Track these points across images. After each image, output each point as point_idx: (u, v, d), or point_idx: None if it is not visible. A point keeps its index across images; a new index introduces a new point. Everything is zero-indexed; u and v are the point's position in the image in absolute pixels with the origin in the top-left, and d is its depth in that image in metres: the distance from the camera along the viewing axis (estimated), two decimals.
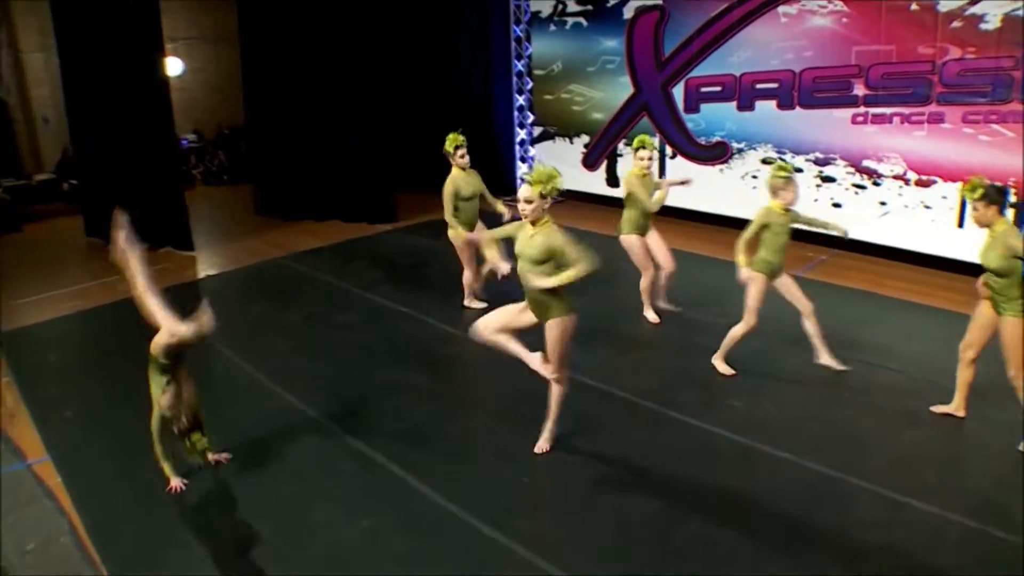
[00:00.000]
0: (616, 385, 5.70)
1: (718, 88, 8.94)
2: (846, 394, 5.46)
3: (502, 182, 11.41)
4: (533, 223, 4.37)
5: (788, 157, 8.52)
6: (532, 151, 11.19)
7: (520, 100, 10.98)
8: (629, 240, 6.52)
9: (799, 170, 8.47)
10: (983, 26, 6.91)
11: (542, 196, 4.30)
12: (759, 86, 8.58)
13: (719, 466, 4.70)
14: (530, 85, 10.94)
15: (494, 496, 4.48)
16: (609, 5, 9.69)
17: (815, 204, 8.41)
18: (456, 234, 6.90)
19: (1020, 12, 6.67)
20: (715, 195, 9.18)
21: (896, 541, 3.97)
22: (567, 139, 10.72)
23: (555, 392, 4.72)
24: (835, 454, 4.77)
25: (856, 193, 8.06)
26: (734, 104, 8.85)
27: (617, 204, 10.08)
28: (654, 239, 6.52)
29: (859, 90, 7.78)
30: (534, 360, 4.62)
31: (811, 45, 8.06)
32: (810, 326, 5.68)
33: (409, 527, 4.23)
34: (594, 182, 10.53)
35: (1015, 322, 4.56)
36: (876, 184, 7.90)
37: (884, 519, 4.15)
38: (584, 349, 4.71)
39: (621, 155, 10.19)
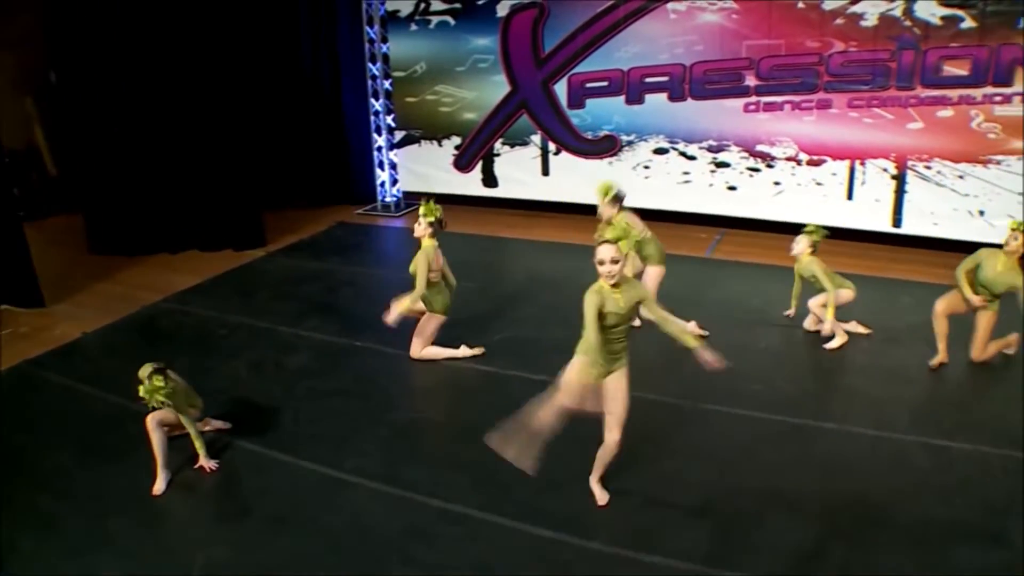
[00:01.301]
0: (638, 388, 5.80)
1: (605, 83, 9.28)
2: (832, 361, 6.15)
3: (357, 191, 10.92)
4: (615, 285, 4.00)
5: (681, 146, 9.13)
6: (393, 156, 10.73)
7: (376, 105, 10.46)
8: None
9: (693, 157, 9.14)
10: (863, 23, 7.97)
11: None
12: (649, 80, 9.06)
13: (791, 450, 5.06)
14: (387, 87, 10.48)
15: (648, 526, 4.38)
16: (480, 3, 9.58)
17: (710, 189, 9.12)
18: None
19: (894, 12, 7.79)
20: None
21: (964, 480, 4.65)
22: (434, 142, 10.45)
23: (611, 445, 4.38)
24: (866, 416, 5.39)
25: (751, 176, 8.86)
26: (622, 98, 9.26)
27: (495, 204, 10.17)
28: None
29: (750, 81, 8.56)
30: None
31: (702, 40, 8.70)
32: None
33: None
34: (468, 184, 10.41)
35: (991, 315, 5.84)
36: (770, 166, 8.74)
37: (942, 464, 4.84)
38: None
39: (498, 155, 10.17)
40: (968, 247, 7.87)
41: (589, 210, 9.48)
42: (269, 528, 4.44)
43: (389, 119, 10.60)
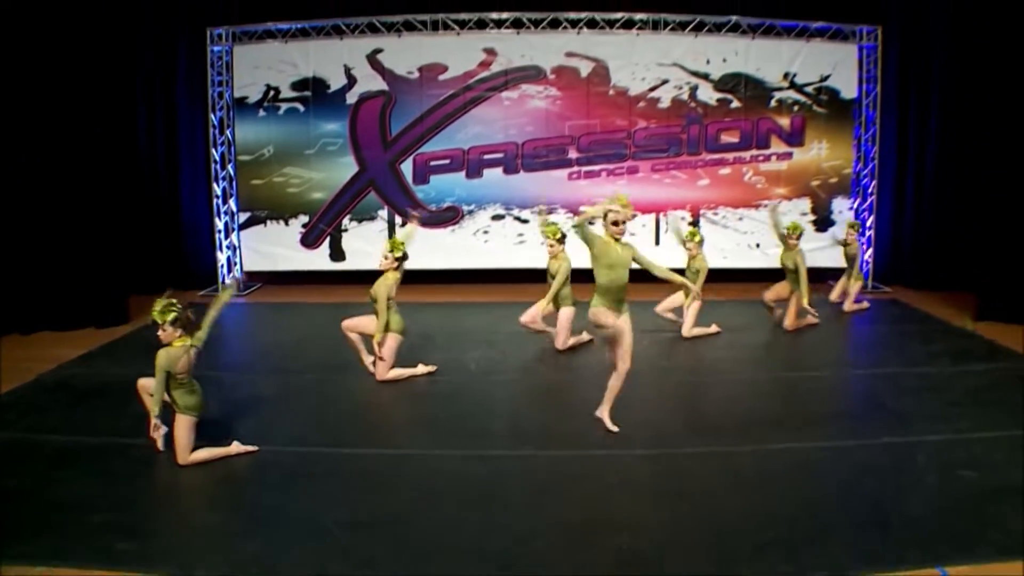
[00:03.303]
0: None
1: (447, 161, 10.85)
2: (712, 346, 8.33)
3: (199, 273, 11.21)
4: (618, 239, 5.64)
5: (516, 212, 10.93)
6: (232, 238, 11.16)
7: (218, 188, 10.95)
8: None
9: (526, 221, 10.97)
10: (660, 105, 10.62)
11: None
12: (486, 157, 10.82)
13: (713, 393, 6.99)
14: (226, 172, 10.99)
15: (663, 437, 6.10)
16: (330, 91, 10.73)
17: (542, 246, 10.91)
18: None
19: (682, 96, 10.53)
20: (448, 253, 10.94)
21: (829, 392, 6.88)
22: (281, 221, 11.09)
23: (622, 372, 5.73)
24: (761, 366, 7.61)
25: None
26: (463, 174, 10.89)
27: (342, 277, 11.03)
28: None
29: (573, 154, 10.70)
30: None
31: (531, 122, 10.73)
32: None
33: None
34: (315, 260, 11.15)
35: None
36: (591, 224, 10.79)
37: (812, 386, 7.07)
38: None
39: (346, 230, 11.12)
40: (750, 273, 10.59)
41: (432, 276, 10.96)
42: (409, 502, 4.94)
43: (231, 202, 11.13)
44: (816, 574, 4.03)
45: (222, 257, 11.15)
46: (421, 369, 7.37)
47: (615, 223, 5.61)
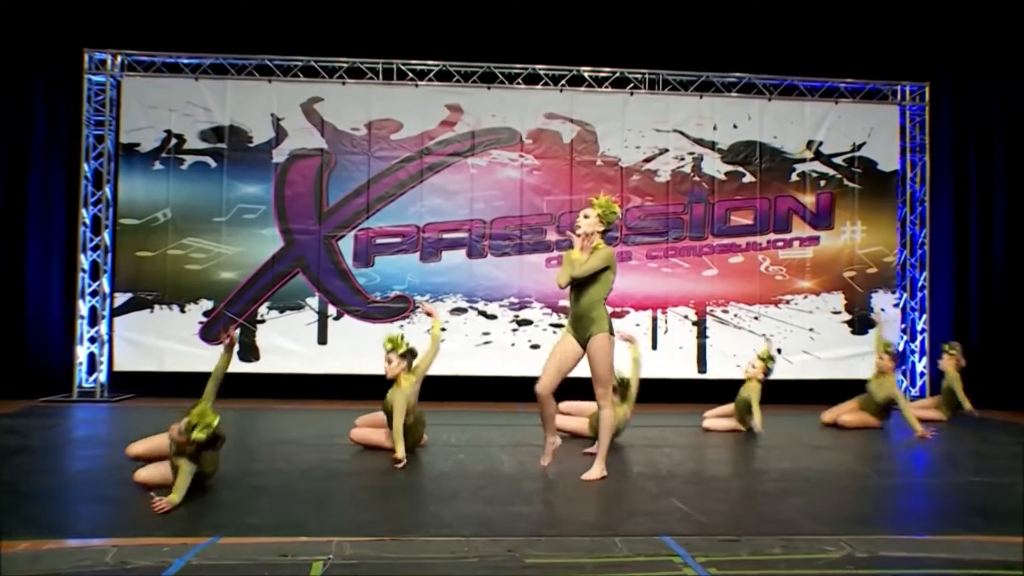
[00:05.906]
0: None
1: (397, 239, 10.27)
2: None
3: (46, 372, 10.10)
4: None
5: (481, 305, 10.20)
6: (101, 327, 9.92)
7: (85, 260, 9.85)
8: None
9: (493, 316, 10.04)
10: (657, 179, 10.52)
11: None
12: (446, 236, 10.34)
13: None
14: (100, 240, 10.02)
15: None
16: (252, 145, 10.19)
17: (512, 348, 10.08)
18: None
19: (684, 168, 10.29)
20: None
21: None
22: (175, 307, 10.10)
23: (605, 418, 5.79)
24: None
25: (554, 332, 10.10)
26: (416, 256, 10.34)
27: (252, 382, 9.75)
28: None
29: (552, 236, 10.32)
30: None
31: (502, 195, 10.50)
32: None
33: None
34: (216, 358, 9.78)
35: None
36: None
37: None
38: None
39: (263, 321, 10.17)
40: (770, 386, 9.82)
41: (372, 382, 9.75)
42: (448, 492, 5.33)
43: (104, 280, 10.12)
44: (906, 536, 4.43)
45: (82, 352, 10.05)
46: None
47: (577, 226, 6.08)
